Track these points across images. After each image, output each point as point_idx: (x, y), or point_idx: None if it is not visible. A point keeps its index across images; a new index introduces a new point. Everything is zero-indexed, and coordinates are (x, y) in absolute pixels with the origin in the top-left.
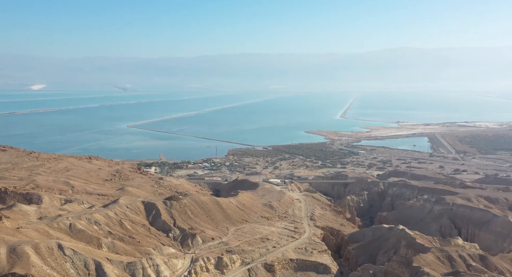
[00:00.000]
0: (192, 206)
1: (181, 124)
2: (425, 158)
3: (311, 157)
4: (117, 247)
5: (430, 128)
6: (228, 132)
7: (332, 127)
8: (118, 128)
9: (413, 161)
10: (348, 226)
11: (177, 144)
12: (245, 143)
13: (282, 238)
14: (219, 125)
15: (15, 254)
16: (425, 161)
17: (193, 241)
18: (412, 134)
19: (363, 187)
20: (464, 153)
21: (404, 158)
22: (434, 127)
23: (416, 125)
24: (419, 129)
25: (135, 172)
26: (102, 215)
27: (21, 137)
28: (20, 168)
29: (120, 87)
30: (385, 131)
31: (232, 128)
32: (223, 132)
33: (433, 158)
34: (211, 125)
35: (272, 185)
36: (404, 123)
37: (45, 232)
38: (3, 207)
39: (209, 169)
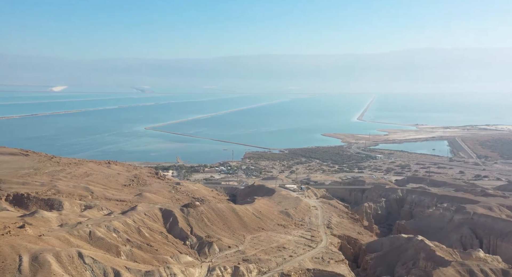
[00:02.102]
0: (209, 213)
1: (198, 126)
2: (444, 162)
3: (328, 160)
4: (135, 255)
5: (450, 131)
6: (244, 135)
7: (349, 130)
8: (136, 130)
9: (432, 166)
10: (365, 234)
11: (194, 147)
12: (261, 146)
13: (298, 247)
14: (235, 128)
15: (37, 262)
16: (445, 166)
17: (210, 249)
18: (431, 137)
19: (380, 193)
20: (486, 157)
21: (423, 163)
22: (454, 131)
23: (436, 128)
24: (438, 132)
25: (152, 177)
26: (120, 223)
27: (42, 140)
28: (42, 173)
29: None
30: (403, 135)
31: (249, 130)
32: (239, 135)
33: (453, 162)
34: (228, 128)
35: (289, 191)
36: (423, 126)
37: (65, 240)
38: (26, 213)
39: (226, 172)
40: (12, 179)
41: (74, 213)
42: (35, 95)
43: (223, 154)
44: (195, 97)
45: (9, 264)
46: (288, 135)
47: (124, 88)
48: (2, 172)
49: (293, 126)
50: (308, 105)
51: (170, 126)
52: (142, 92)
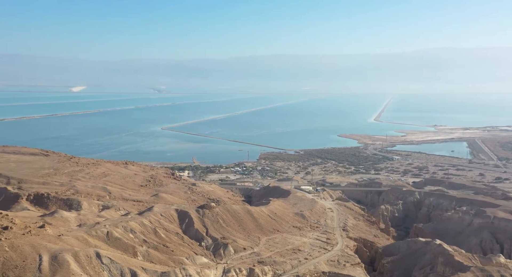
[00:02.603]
0: (224, 215)
1: (213, 126)
2: (464, 164)
3: (344, 162)
4: (151, 255)
5: (470, 132)
6: (259, 136)
7: (365, 131)
8: (153, 130)
9: (451, 168)
10: (382, 237)
11: (210, 147)
12: (276, 146)
13: (314, 250)
14: (250, 128)
15: (57, 261)
16: (464, 168)
17: (225, 250)
18: (450, 139)
19: (398, 196)
20: (507, 159)
21: (442, 165)
22: (474, 132)
23: (455, 129)
24: (457, 133)
25: (169, 178)
26: (137, 223)
27: (62, 139)
28: (61, 173)
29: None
30: (421, 136)
31: (264, 131)
32: (254, 136)
33: (472, 164)
34: (243, 128)
35: (304, 192)
36: (441, 127)
37: (84, 240)
38: (45, 212)
39: (241, 173)
40: (33, 179)
41: (92, 213)
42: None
43: (239, 155)
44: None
45: (29, 263)
46: (304, 136)
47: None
48: (24, 172)
49: (309, 127)
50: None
51: (186, 126)
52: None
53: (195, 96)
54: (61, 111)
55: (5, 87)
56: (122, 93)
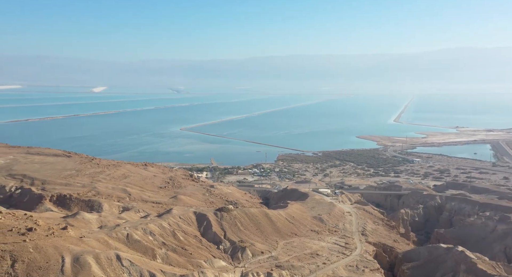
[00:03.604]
0: (242, 218)
1: (231, 127)
2: (487, 167)
3: (363, 164)
4: (170, 258)
5: (493, 134)
6: (277, 137)
7: (385, 133)
8: (172, 131)
9: (474, 171)
10: (402, 242)
11: (228, 148)
12: (294, 148)
13: (332, 254)
14: (268, 129)
15: (78, 263)
16: (487, 171)
17: (243, 254)
18: (473, 141)
19: (418, 199)
20: None
21: (464, 167)
22: (498, 134)
23: (478, 131)
24: (480, 135)
25: (187, 179)
26: (156, 226)
27: (84, 140)
28: (83, 174)
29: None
30: (442, 138)
31: (281, 132)
32: (272, 137)
33: (496, 167)
34: (261, 129)
35: (322, 195)
36: (464, 129)
37: (104, 242)
38: (68, 213)
39: (259, 175)
40: (55, 180)
41: (112, 214)
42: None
43: (256, 156)
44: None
45: (53, 264)
46: (322, 137)
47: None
48: (47, 173)
49: (327, 128)
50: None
51: (204, 127)
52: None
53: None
54: (83, 112)
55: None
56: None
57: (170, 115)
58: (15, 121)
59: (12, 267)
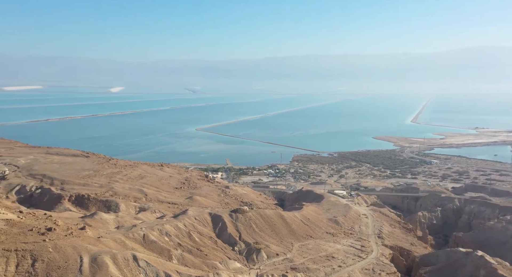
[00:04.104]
0: (257, 219)
1: (246, 128)
2: (508, 169)
3: (379, 165)
4: (186, 259)
5: None
6: (292, 137)
7: (402, 133)
8: (187, 131)
9: (494, 173)
10: (419, 245)
11: (243, 149)
12: (310, 148)
13: (348, 257)
14: (283, 130)
15: (96, 263)
16: (508, 173)
17: (258, 256)
18: (493, 142)
19: (436, 202)
20: None
21: (483, 169)
22: None
23: (498, 132)
24: (501, 136)
25: (202, 180)
26: (172, 226)
27: (101, 140)
28: (100, 175)
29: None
30: (461, 139)
31: (297, 132)
32: (287, 137)
33: None
34: (276, 130)
35: (338, 197)
36: (483, 130)
37: (121, 242)
38: (86, 213)
39: (274, 175)
40: (74, 180)
41: (129, 215)
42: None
43: (272, 156)
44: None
45: (71, 264)
46: (338, 138)
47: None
48: (66, 173)
49: (343, 128)
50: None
51: (220, 127)
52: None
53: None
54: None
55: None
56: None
57: (186, 116)
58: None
59: (32, 267)
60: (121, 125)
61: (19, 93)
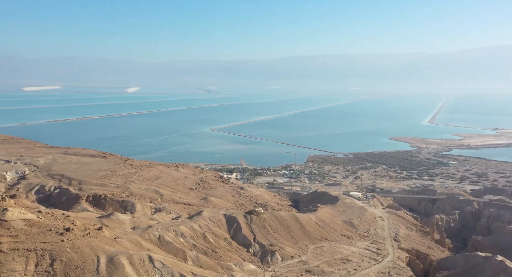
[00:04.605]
0: (271, 221)
1: (261, 128)
2: None
3: (395, 166)
4: (201, 260)
5: None
6: (307, 138)
7: (418, 134)
8: (202, 131)
9: None
10: (436, 249)
11: (257, 149)
12: (324, 149)
13: (363, 260)
14: (298, 130)
15: (113, 264)
16: None
17: (272, 258)
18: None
19: (454, 205)
20: None
21: (503, 171)
22: None
23: None
24: None
25: (217, 181)
26: (187, 228)
27: (118, 140)
28: (117, 175)
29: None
30: (480, 140)
31: (311, 133)
32: (302, 138)
33: None
34: (290, 130)
35: (353, 199)
36: (504, 131)
37: (137, 243)
38: (103, 213)
39: (288, 176)
40: (91, 180)
41: (145, 215)
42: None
43: (286, 157)
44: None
45: (88, 264)
46: (353, 138)
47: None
48: (83, 173)
49: (358, 129)
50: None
51: (235, 127)
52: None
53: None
54: (117, 112)
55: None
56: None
57: (201, 116)
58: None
59: (51, 266)
60: (137, 125)
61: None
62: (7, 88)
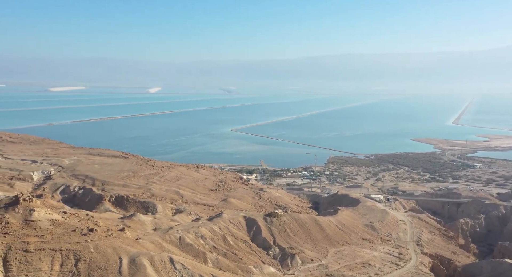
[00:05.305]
0: (291, 224)
1: (281, 128)
2: None
3: (418, 168)
4: (221, 263)
5: None
6: (327, 139)
7: (442, 135)
8: (223, 132)
9: None
10: (461, 254)
11: (277, 150)
12: (345, 150)
13: (385, 265)
14: (318, 131)
15: (135, 265)
16: None
17: (292, 261)
18: None
19: (479, 209)
20: None
21: None
22: None
23: None
24: None
25: (237, 182)
26: (207, 229)
27: (140, 140)
28: (139, 176)
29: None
30: (507, 141)
31: (332, 134)
32: (322, 138)
33: None
34: (311, 131)
35: (374, 202)
36: None
37: (159, 244)
38: (125, 214)
39: (308, 178)
40: (114, 181)
41: (166, 216)
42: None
43: (306, 158)
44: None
45: (111, 265)
46: (374, 139)
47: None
48: (106, 174)
49: (380, 130)
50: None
51: (255, 128)
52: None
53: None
54: (139, 112)
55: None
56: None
57: (221, 116)
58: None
59: (75, 266)
60: (158, 125)
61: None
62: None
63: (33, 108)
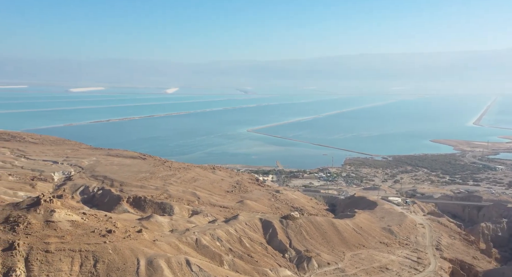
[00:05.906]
0: (307, 226)
1: (297, 129)
2: None
3: (438, 170)
4: (237, 265)
5: None
6: (344, 139)
7: (463, 136)
8: (239, 132)
9: None
10: (482, 259)
11: (293, 151)
12: (362, 151)
13: (403, 269)
14: (335, 131)
15: (152, 266)
16: None
17: (308, 264)
18: None
19: (501, 212)
20: None
21: None
22: None
23: None
24: None
25: (253, 184)
26: (224, 232)
27: (157, 140)
28: (156, 177)
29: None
30: None
31: (349, 134)
32: (339, 139)
33: None
34: (327, 131)
35: (392, 204)
36: None
37: (175, 246)
38: (142, 215)
39: (325, 179)
40: (132, 182)
41: (182, 218)
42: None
43: (323, 159)
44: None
45: (129, 266)
46: (392, 140)
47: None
48: (124, 175)
49: (398, 130)
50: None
51: (271, 128)
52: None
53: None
54: (157, 113)
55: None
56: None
57: (237, 117)
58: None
59: (94, 267)
60: (175, 126)
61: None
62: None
63: (54, 109)
